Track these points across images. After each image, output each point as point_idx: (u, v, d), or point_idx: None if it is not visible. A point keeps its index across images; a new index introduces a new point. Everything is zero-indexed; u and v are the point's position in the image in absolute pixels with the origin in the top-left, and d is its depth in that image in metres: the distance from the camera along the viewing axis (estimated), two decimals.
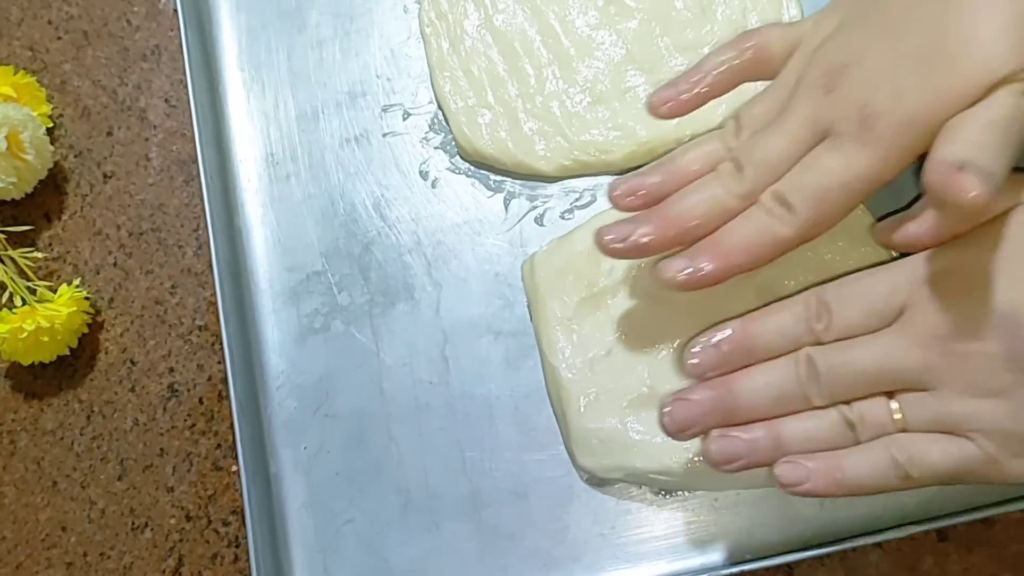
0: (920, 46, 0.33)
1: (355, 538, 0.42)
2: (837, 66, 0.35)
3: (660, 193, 0.38)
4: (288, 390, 0.44)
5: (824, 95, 0.35)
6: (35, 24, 0.51)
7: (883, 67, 0.33)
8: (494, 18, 0.47)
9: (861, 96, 0.34)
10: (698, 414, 0.36)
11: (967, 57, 0.32)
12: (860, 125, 0.33)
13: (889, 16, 0.34)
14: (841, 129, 0.34)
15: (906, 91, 0.33)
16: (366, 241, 0.46)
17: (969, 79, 0.32)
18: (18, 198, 0.48)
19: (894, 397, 0.35)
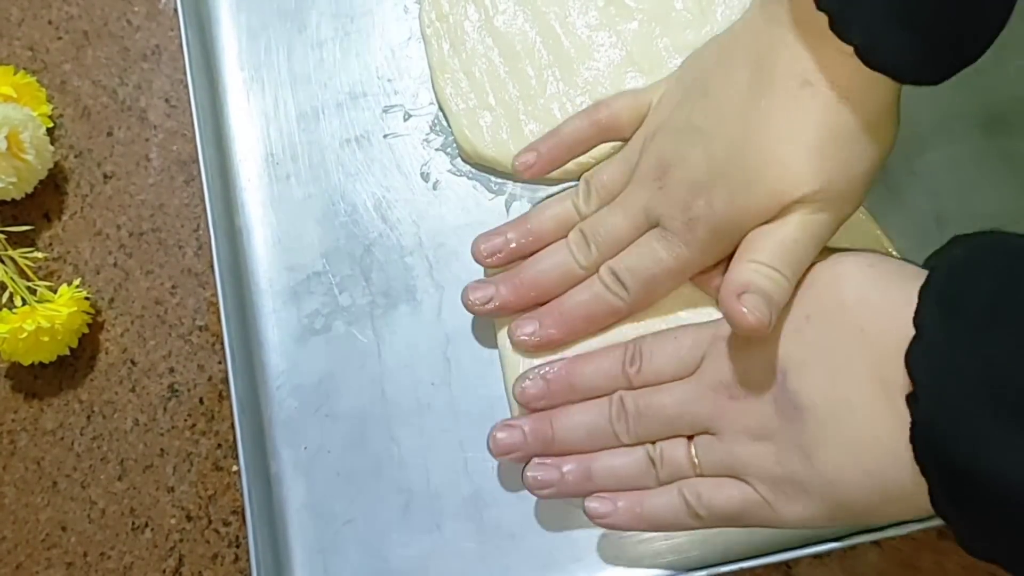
0: (728, 161, 0.38)
1: (356, 538, 0.42)
2: (666, 164, 0.40)
3: (521, 252, 0.43)
4: (289, 390, 0.44)
5: (656, 189, 0.40)
6: (35, 24, 0.51)
7: (700, 176, 0.38)
8: (495, 19, 0.47)
9: (683, 200, 0.39)
10: (519, 441, 0.41)
11: (765, 179, 0.37)
12: (683, 226, 0.39)
13: (708, 121, 0.39)
14: (668, 225, 0.39)
15: (716, 203, 0.38)
16: (367, 242, 0.46)
17: (766, 199, 0.37)
18: (18, 198, 0.48)
19: (692, 440, 0.38)
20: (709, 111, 0.39)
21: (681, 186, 0.39)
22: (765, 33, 0.38)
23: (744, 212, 0.37)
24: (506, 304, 0.42)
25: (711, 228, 0.38)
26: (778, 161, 0.36)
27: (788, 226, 0.37)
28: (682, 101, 0.40)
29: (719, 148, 0.38)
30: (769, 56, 0.37)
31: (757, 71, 0.37)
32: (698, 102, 0.39)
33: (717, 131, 0.38)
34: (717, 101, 0.38)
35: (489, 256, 0.43)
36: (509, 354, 0.43)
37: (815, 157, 0.36)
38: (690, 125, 0.39)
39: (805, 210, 0.36)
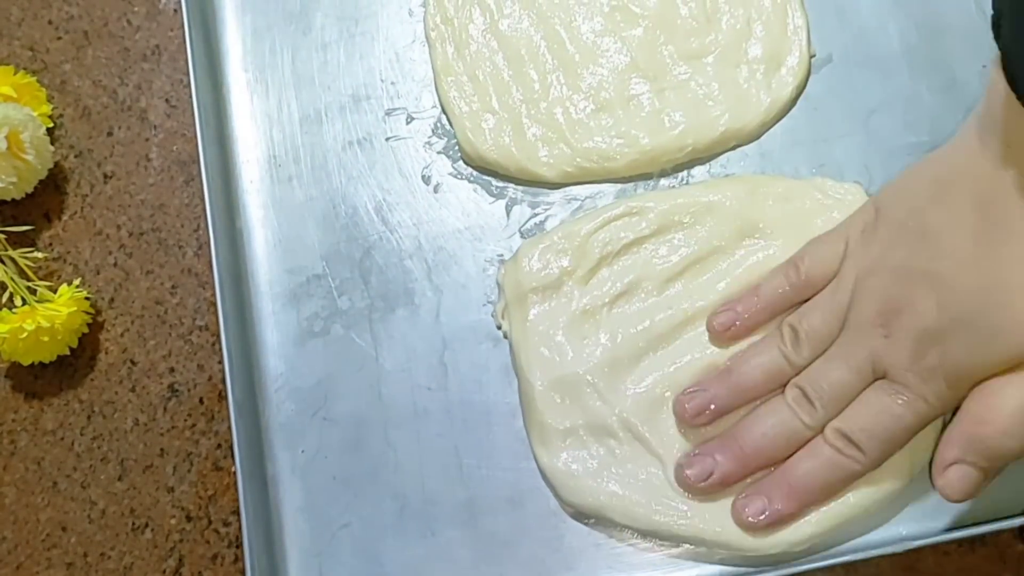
0: (967, 311, 0.36)
1: (351, 543, 0.42)
2: (890, 310, 0.37)
3: (728, 408, 0.41)
4: (287, 393, 0.45)
5: (882, 337, 0.38)
6: (35, 24, 0.50)
7: (933, 324, 0.36)
8: (499, 23, 0.47)
9: (915, 350, 0.37)
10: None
11: (1007, 334, 0.35)
12: (917, 378, 0.37)
13: (936, 266, 0.37)
14: (901, 379, 0.37)
15: (954, 354, 0.36)
16: (367, 245, 0.46)
17: (1008, 355, 0.35)
18: (18, 198, 0.48)
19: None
20: (935, 256, 0.37)
21: (911, 335, 0.37)
22: (992, 174, 0.36)
23: (984, 365, 0.36)
24: (728, 478, 0.39)
25: (947, 380, 0.36)
26: (1019, 315, 0.35)
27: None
28: (895, 240, 0.38)
29: (953, 296, 0.36)
30: (1000, 200, 0.35)
31: (989, 217, 0.36)
32: (917, 244, 0.37)
33: (948, 278, 0.36)
34: (944, 245, 0.37)
35: (695, 415, 0.40)
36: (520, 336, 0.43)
37: None
38: (913, 269, 0.37)
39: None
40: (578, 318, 0.43)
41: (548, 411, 0.42)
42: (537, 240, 0.44)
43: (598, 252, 0.44)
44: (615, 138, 0.45)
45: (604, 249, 0.44)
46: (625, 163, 0.45)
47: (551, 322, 0.43)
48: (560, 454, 0.41)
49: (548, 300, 0.43)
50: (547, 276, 0.43)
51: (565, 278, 0.43)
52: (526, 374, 0.42)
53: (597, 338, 0.43)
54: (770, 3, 0.46)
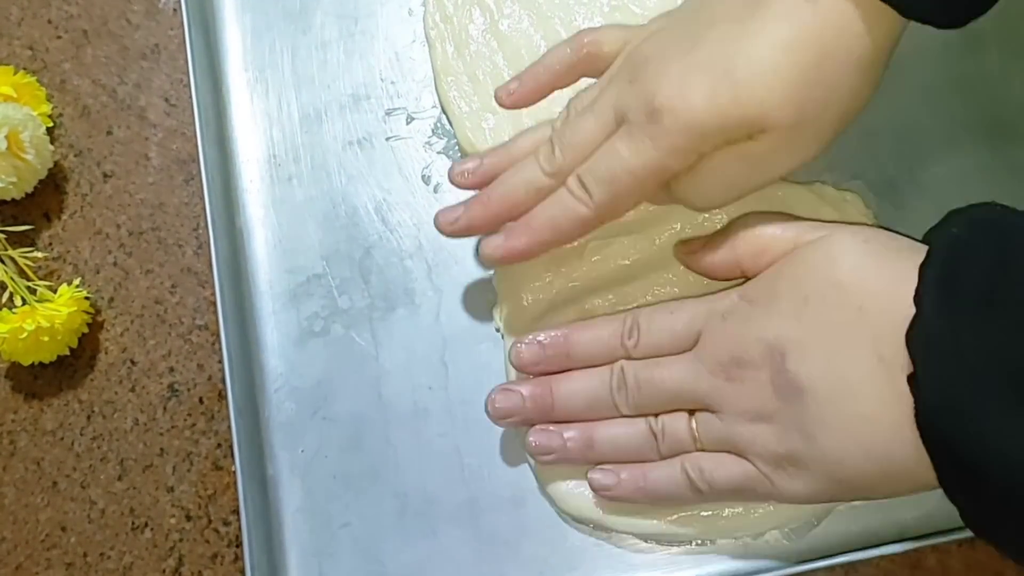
0: (713, 59, 0.35)
1: (351, 542, 0.42)
2: (641, 59, 0.38)
3: (492, 172, 0.42)
4: (287, 392, 0.45)
5: (627, 84, 0.38)
6: (35, 23, 0.50)
7: (677, 67, 0.36)
8: (499, 23, 0.47)
9: (652, 89, 0.36)
10: (518, 405, 0.40)
11: (749, 83, 0.34)
12: (647, 117, 0.36)
13: (697, 23, 0.37)
14: (633, 118, 0.37)
15: (691, 97, 0.35)
16: (367, 245, 0.46)
17: (747, 110, 0.35)
18: (18, 198, 0.48)
19: (693, 415, 0.38)
20: (701, 20, 0.37)
21: (654, 77, 0.36)
22: None
23: (721, 115, 0.35)
24: (474, 222, 0.41)
25: (679, 123, 0.36)
26: (764, 69, 0.34)
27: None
28: (671, 19, 0.39)
29: (705, 45, 0.36)
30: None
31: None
32: (688, 17, 0.38)
33: (706, 33, 0.36)
34: (710, 11, 0.37)
35: (461, 176, 0.42)
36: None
37: (800, 75, 0.34)
38: (676, 30, 0.38)
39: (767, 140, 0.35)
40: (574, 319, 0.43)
41: None
42: None
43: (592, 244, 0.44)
44: None
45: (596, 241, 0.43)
46: None
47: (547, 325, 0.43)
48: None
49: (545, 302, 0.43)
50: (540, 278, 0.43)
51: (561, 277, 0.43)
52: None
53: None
54: None
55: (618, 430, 0.39)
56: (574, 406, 0.40)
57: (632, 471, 0.39)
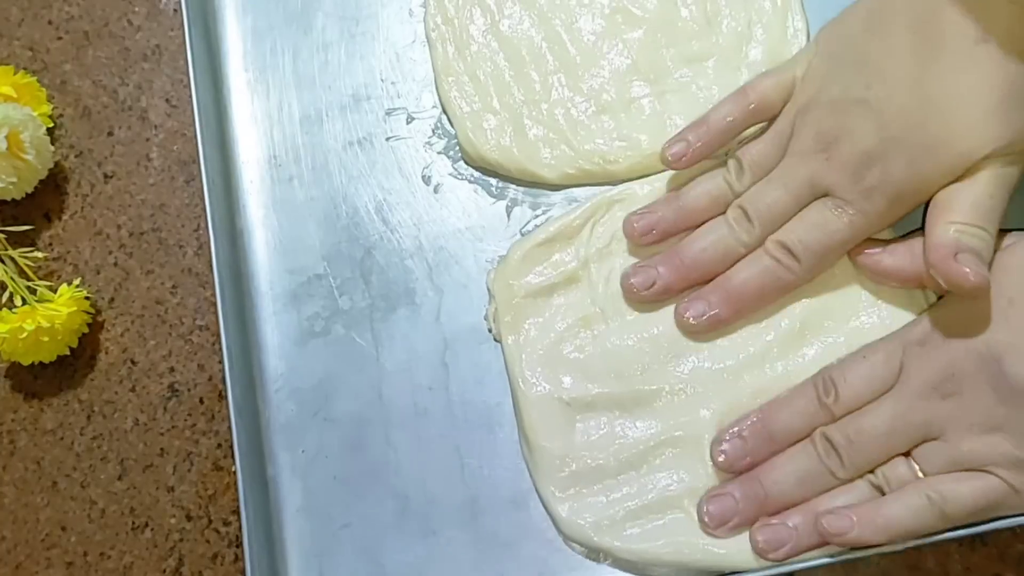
0: (904, 129, 0.37)
1: (351, 543, 0.42)
2: (830, 137, 0.39)
3: (673, 230, 0.42)
4: (287, 393, 0.45)
5: (823, 160, 0.39)
6: (35, 24, 0.50)
7: (872, 146, 0.38)
8: (500, 24, 0.47)
9: (856, 170, 0.38)
10: (732, 508, 0.39)
11: (947, 146, 0.36)
12: (859, 195, 0.38)
13: (873, 92, 0.38)
14: (841, 194, 0.39)
15: (895, 172, 0.37)
16: (368, 245, 0.46)
17: (950, 165, 0.37)
18: (18, 198, 0.48)
19: (910, 455, 0.37)
20: (872, 83, 0.38)
21: (851, 158, 0.38)
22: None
23: (928, 178, 0.37)
24: (670, 286, 0.41)
25: (890, 196, 0.38)
26: (962, 123, 0.36)
27: (980, 183, 0.36)
28: (833, 72, 0.40)
29: (891, 118, 0.37)
30: (934, 18, 0.36)
31: (922, 35, 0.37)
32: (855, 73, 0.39)
33: (885, 101, 0.37)
34: (880, 70, 0.38)
35: (643, 235, 0.42)
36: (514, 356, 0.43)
37: (999, 113, 0.36)
38: (850, 98, 0.38)
39: (995, 165, 0.36)
40: (570, 322, 0.43)
41: (543, 430, 0.42)
42: (525, 241, 0.44)
43: (590, 249, 0.44)
44: (616, 140, 0.45)
45: (596, 245, 0.44)
46: (626, 166, 0.45)
47: (543, 327, 0.43)
48: (565, 500, 0.41)
49: (542, 306, 0.43)
50: (539, 278, 0.43)
51: (557, 280, 0.43)
52: (517, 382, 0.42)
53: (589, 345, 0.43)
54: (770, 6, 0.46)
55: (840, 500, 0.38)
56: (787, 490, 0.38)
57: (864, 508, 0.37)
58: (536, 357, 0.43)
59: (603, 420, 0.42)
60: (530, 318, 0.43)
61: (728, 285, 0.41)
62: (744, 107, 0.42)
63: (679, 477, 0.40)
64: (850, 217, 0.38)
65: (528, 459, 0.42)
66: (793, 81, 0.42)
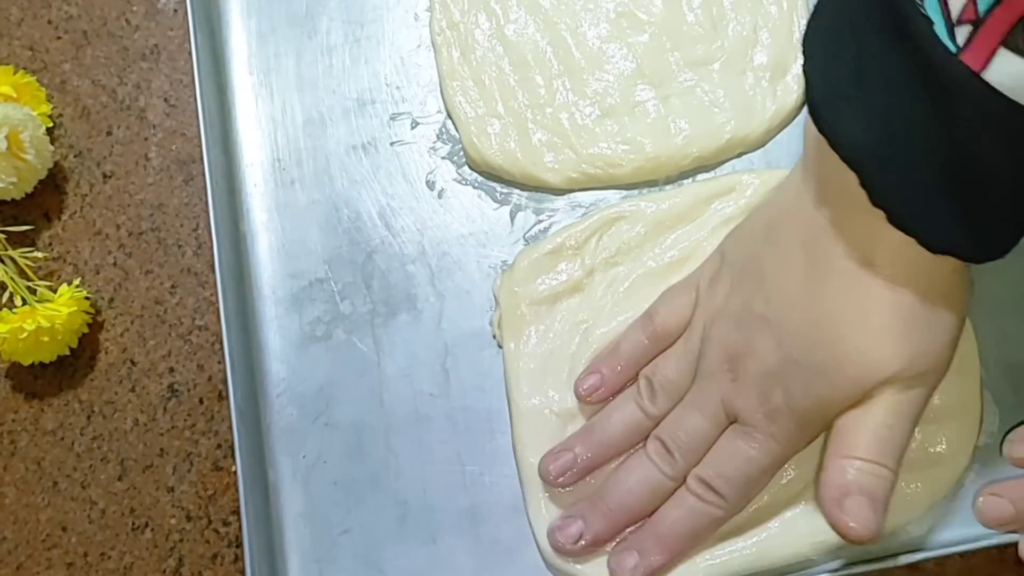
0: (800, 350, 0.36)
1: (352, 549, 0.43)
2: (734, 355, 0.38)
3: (592, 466, 0.41)
4: (288, 398, 0.45)
5: (730, 381, 0.38)
6: (35, 24, 0.50)
7: (773, 366, 0.37)
8: (505, 28, 0.47)
9: (760, 391, 0.37)
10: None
11: (838, 371, 0.35)
12: (765, 419, 0.37)
13: (770, 308, 0.37)
14: (750, 420, 0.38)
15: (795, 394, 0.36)
16: (370, 250, 0.46)
17: (844, 389, 0.35)
18: (18, 198, 0.47)
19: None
20: (770, 298, 0.37)
21: (755, 377, 0.37)
22: (813, 214, 0.36)
23: (825, 401, 0.36)
24: (599, 537, 0.40)
25: (794, 419, 0.37)
26: (853, 349, 0.35)
27: (879, 412, 0.35)
28: (736, 285, 0.39)
29: (787, 337, 0.36)
30: (824, 240, 0.36)
31: (813, 255, 0.36)
32: (754, 287, 0.38)
33: (782, 319, 0.37)
34: (776, 286, 0.37)
35: (559, 476, 0.40)
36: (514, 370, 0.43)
37: (891, 340, 0.35)
38: (751, 313, 0.38)
39: (892, 390, 0.35)
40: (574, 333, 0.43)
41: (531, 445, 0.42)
42: (532, 249, 0.44)
43: (595, 259, 0.44)
44: (620, 144, 0.45)
45: (601, 256, 0.44)
46: (630, 170, 0.45)
47: (547, 339, 0.43)
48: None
49: (544, 313, 0.43)
50: (543, 287, 0.43)
51: (561, 289, 0.43)
52: (515, 395, 0.43)
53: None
54: (776, 10, 0.46)
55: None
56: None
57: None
58: (534, 367, 0.43)
59: None
60: (532, 326, 0.43)
61: (657, 531, 0.39)
62: (652, 332, 0.41)
63: None
64: (760, 443, 0.37)
65: (518, 472, 0.42)
66: (696, 294, 0.41)
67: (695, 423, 0.39)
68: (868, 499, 0.34)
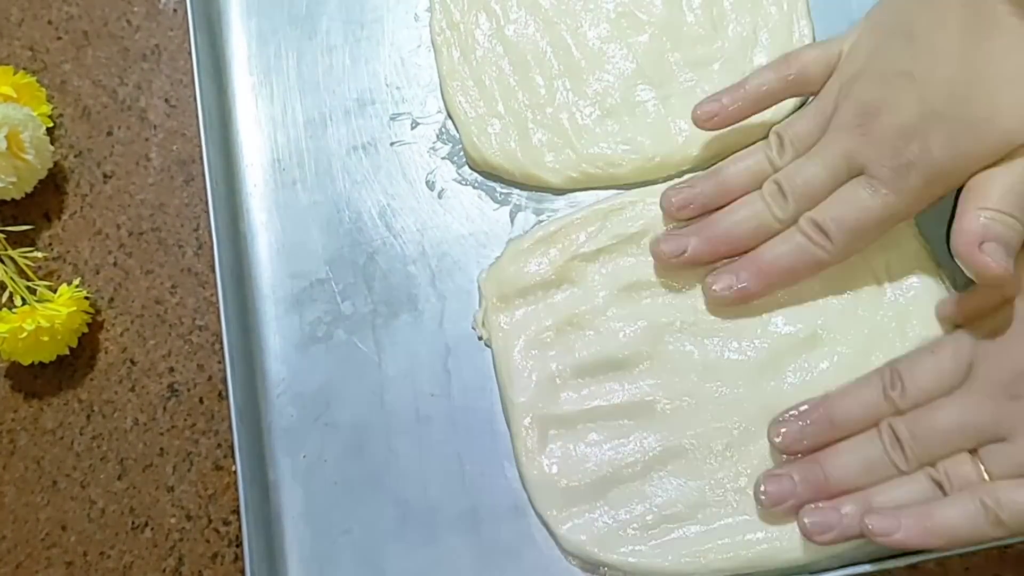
0: (949, 105, 0.36)
1: (352, 549, 0.43)
2: (871, 109, 0.38)
3: (711, 204, 0.42)
4: (289, 398, 0.45)
5: (860, 135, 0.38)
6: (35, 24, 0.50)
7: (913, 120, 0.36)
8: (506, 28, 0.47)
9: (894, 145, 0.37)
10: (790, 490, 0.38)
11: (990, 124, 0.36)
12: (894, 172, 0.37)
13: (920, 65, 0.37)
14: (876, 172, 0.38)
15: (934, 148, 0.36)
16: (371, 250, 0.46)
17: (992, 145, 0.36)
18: (18, 198, 0.47)
19: (976, 453, 0.36)
20: (920, 55, 0.37)
21: (890, 131, 0.37)
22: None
23: (967, 157, 0.36)
24: (698, 255, 0.41)
25: (927, 174, 0.37)
26: (1008, 103, 0.35)
27: (1018, 169, 0.36)
28: (881, 46, 0.39)
29: (935, 92, 0.36)
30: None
31: (975, 11, 0.36)
32: (903, 46, 0.38)
33: (932, 74, 0.36)
34: (928, 44, 0.37)
35: (680, 208, 0.41)
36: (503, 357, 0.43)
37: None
38: (896, 70, 0.37)
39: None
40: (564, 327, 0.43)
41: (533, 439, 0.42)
42: (519, 242, 0.44)
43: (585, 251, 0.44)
44: (620, 144, 0.45)
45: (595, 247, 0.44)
46: (630, 170, 0.45)
47: (536, 332, 0.43)
48: (565, 521, 0.41)
49: (533, 306, 0.43)
50: (530, 280, 0.43)
51: (550, 283, 0.43)
52: (507, 391, 0.43)
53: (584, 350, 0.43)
54: (776, 11, 0.46)
55: (898, 492, 0.37)
56: (848, 476, 0.38)
57: (916, 513, 0.36)
58: (525, 363, 0.42)
59: (594, 432, 0.42)
60: (520, 320, 0.43)
61: (759, 260, 0.40)
62: (783, 76, 0.41)
63: (683, 490, 0.40)
64: (883, 197, 0.38)
65: (520, 474, 0.42)
66: (839, 55, 0.41)
67: (814, 171, 0.39)
68: (1002, 244, 0.35)
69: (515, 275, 0.43)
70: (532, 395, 0.42)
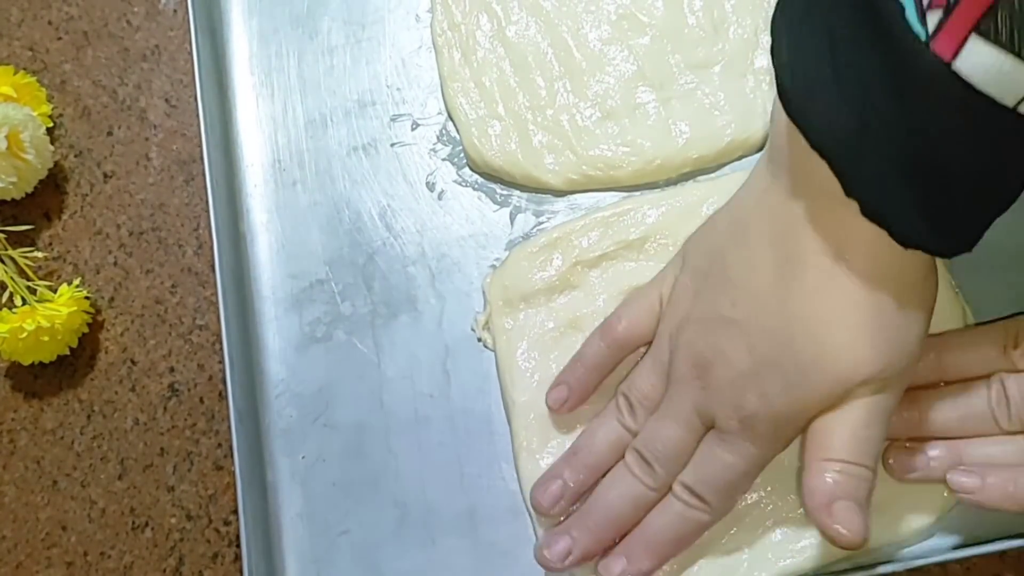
0: (775, 351, 0.35)
1: (350, 550, 0.43)
2: (703, 362, 0.37)
3: (582, 488, 0.40)
4: (288, 398, 0.45)
5: (700, 389, 0.37)
6: (35, 24, 0.50)
7: (746, 369, 0.36)
8: (507, 30, 0.47)
9: (733, 397, 0.36)
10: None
11: (819, 368, 0.34)
12: (741, 424, 0.36)
13: (739, 311, 0.36)
14: (726, 427, 0.37)
15: (772, 396, 0.35)
16: (370, 251, 0.46)
17: (827, 389, 0.34)
18: (18, 198, 0.47)
19: None
20: (737, 300, 0.36)
21: (726, 383, 0.36)
22: (783, 208, 0.35)
23: (804, 401, 0.35)
24: (588, 552, 0.39)
25: (773, 421, 0.36)
26: (832, 346, 0.34)
27: (856, 413, 0.35)
28: (702, 291, 0.38)
29: (758, 338, 0.35)
30: (795, 236, 0.35)
31: (783, 252, 0.35)
32: (720, 290, 0.37)
33: (751, 320, 0.36)
34: (744, 287, 0.36)
35: (552, 506, 0.40)
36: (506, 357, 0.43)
37: (869, 339, 0.34)
38: (719, 316, 0.37)
39: (867, 390, 0.34)
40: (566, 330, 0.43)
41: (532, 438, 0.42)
42: (524, 246, 0.44)
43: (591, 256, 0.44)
44: (621, 146, 0.45)
45: (597, 253, 0.44)
46: (631, 172, 0.45)
47: (539, 335, 0.43)
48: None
49: (536, 309, 0.43)
50: (535, 285, 0.43)
51: (554, 287, 0.43)
52: (509, 390, 0.43)
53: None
54: None
55: (994, 449, 0.36)
56: (946, 421, 0.38)
57: (1001, 474, 0.35)
58: (528, 365, 0.43)
59: None
60: (523, 323, 0.43)
61: (645, 536, 0.39)
62: (613, 340, 0.41)
63: None
64: (741, 450, 0.36)
65: (518, 471, 0.42)
66: (659, 300, 0.40)
67: (670, 432, 0.38)
68: (855, 503, 0.34)
69: (520, 280, 0.43)
70: (533, 395, 0.42)
